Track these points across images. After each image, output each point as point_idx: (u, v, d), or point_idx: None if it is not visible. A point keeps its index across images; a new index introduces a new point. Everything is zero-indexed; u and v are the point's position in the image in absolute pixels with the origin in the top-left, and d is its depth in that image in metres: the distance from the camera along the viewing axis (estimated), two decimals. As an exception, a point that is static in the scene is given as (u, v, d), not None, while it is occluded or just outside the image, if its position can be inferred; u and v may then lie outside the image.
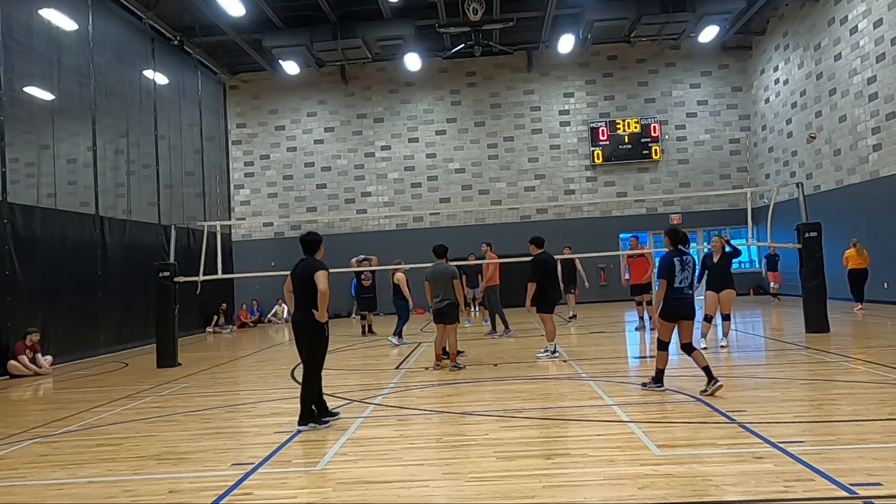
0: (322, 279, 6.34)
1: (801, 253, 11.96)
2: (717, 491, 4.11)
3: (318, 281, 6.33)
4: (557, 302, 11.02)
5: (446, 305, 9.76)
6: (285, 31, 20.94)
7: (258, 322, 22.91)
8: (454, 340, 9.82)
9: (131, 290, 16.19)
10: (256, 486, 4.72)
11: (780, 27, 22.27)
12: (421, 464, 5.07)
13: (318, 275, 6.36)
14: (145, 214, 17.97)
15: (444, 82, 25.49)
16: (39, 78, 14.13)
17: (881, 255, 16.31)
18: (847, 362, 8.71)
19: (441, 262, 10.01)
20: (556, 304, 10.80)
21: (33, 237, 13.30)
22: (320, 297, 6.31)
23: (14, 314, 12.47)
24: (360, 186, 25.51)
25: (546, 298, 10.41)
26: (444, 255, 10.09)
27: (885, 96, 16.90)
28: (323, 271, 6.40)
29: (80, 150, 15.53)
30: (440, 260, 10.05)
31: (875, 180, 17.46)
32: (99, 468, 5.45)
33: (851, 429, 5.44)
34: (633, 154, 24.78)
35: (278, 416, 7.12)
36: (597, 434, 5.66)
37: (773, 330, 13.31)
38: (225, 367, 12.15)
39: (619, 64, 25.24)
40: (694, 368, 6.96)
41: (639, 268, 13.80)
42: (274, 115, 25.84)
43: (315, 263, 6.54)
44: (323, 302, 6.32)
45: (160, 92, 19.23)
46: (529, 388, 8.12)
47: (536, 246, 10.57)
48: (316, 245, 6.66)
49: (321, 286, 6.30)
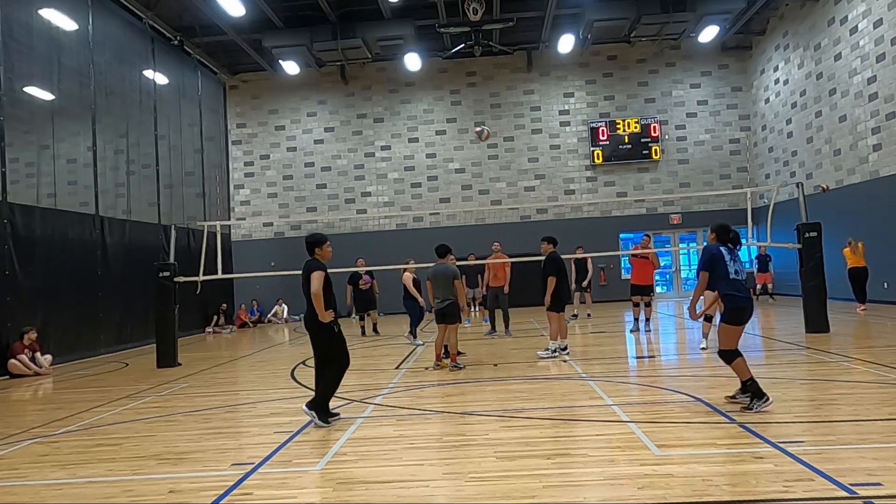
0: (314, 280, 6.39)
1: (801, 253, 11.96)
2: (717, 491, 4.11)
3: (311, 282, 6.41)
4: (568, 301, 11.06)
5: (447, 305, 9.78)
6: (285, 31, 20.94)
7: (258, 322, 22.91)
8: (455, 340, 9.83)
9: (131, 290, 16.20)
10: (256, 486, 4.72)
11: (780, 27, 22.27)
12: (421, 464, 5.07)
13: (312, 276, 6.44)
14: (145, 214, 17.97)
15: (444, 82, 25.49)
16: (39, 78, 14.13)
17: (881, 255, 16.31)
18: (847, 362, 8.71)
19: (443, 262, 10.02)
20: (566, 304, 10.81)
21: (33, 237, 13.29)
22: (313, 298, 6.39)
23: (14, 314, 12.47)
24: (360, 186, 25.51)
25: (558, 297, 10.43)
26: (446, 254, 10.10)
27: (885, 96, 16.90)
28: (317, 272, 6.44)
29: (80, 150, 15.53)
30: (442, 260, 10.05)
31: (875, 180, 17.46)
32: (99, 468, 5.44)
33: (851, 429, 5.44)
34: (633, 154, 24.78)
35: (278, 416, 7.12)
36: (597, 434, 5.66)
37: (773, 330, 13.30)
38: (225, 367, 12.15)
39: (619, 64, 25.24)
40: (694, 368, 6.96)
41: (642, 268, 13.57)
42: (274, 115, 25.85)
43: (312, 264, 6.59)
44: (316, 303, 6.38)
45: (160, 92, 19.23)
46: (530, 388, 8.12)
47: (551, 244, 10.62)
48: (312, 246, 6.71)
49: (312, 287, 6.39)
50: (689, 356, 10.47)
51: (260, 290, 23.35)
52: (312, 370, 6.96)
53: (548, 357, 10.34)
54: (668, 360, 10.33)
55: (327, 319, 6.45)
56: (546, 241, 10.72)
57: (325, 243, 6.74)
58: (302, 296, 6.65)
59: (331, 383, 6.59)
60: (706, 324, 10.52)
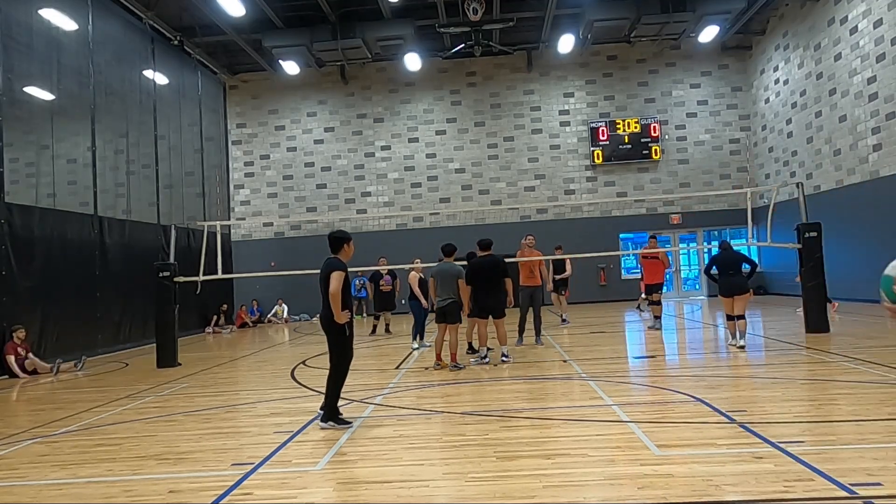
0: (333, 280, 6.27)
1: (801, 253, 11.97)
2: (717, 491, 4.11)
3: (330, 282, 6.29)
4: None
5: (449, 304, 9.73)
6: (285, 31, 20.94)
7: (258, 322, 22.91)
8: (455, 340, 9.79)
9: (130, 291, 16.18)
10: (256, 486, 4.72)
11: (780, 27, 22.26)
12: (421, 464, 5.07)
13: (332, 275, 6.31)
14: (145, 214, 17.96)
15: (444, 82, 25.48)
16: (39, 78, 14.13)
17: (881, 255, 16.26)
18: (847, 362, 8.70)
19: (448, 261, 9.99)
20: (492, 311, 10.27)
21: (31, 237, 13.28)
22: (330, 299, 6.27)
23: (12, 314, 12.44)
24: (360, 186, 25.51)
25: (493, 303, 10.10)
26: (452, 254, 10.06)
27: (885, 96, 16.90)
28: (337, 272, 6.31)
29: (80, 150, 15.52)
30: (447, 258, 10.03)
31: (875, 180, 17.45)
32: (99, 468, 5.44)
33: (851, 429, 5.44)
34: (633, 154, 24.78)
35: (278, 416, 7.12)
36: (597, 434, 5.66)
37: (773, 330, 13.30)
38: (225, 367, 12.14)
39: (619, 64, 25.24)
40: (694, 368, 6.99)
41: (653, 268, 13.78)
42: (274, 115, 25.84)
43: (333, 263, 6.45)
44: (333, 303, 6.26)
45: (160, 92, 19.22)
46: (529, 388, 8.12)
47: (483, 249, 10.22)
48: (338, 243, 6.57)
49: (331, 288, 6.26)
50: (690, 356, 10.47)
51: (260, 290, 23.34)
52: (312, 370, 6.96)
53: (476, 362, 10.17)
54: (669, 360, 10.33)
55: (343, 321, 6.33)
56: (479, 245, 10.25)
57: (350, 241, 6.63)
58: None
59: (335, 386, 6.44)
60: (731, 323, 10.53)
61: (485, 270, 9.91)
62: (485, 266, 9.94)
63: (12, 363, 11.84)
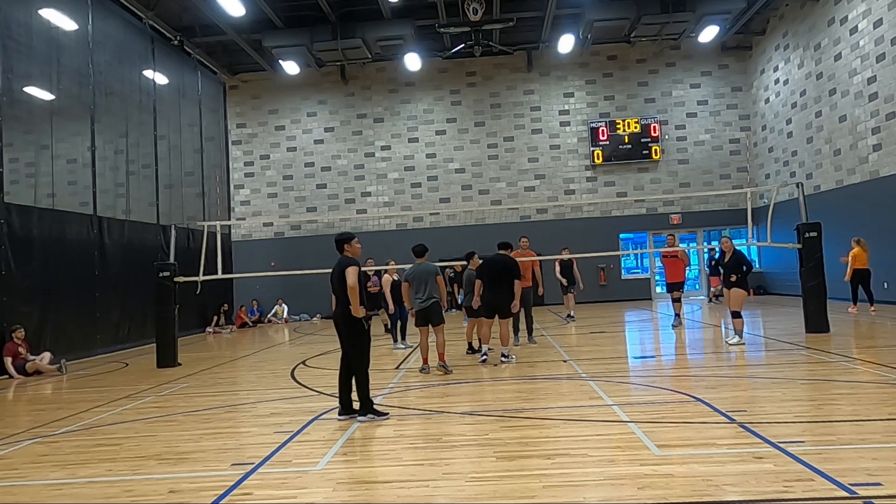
0: (350, 274, 6.55)
1: (801, 253, 11.97)
2: (717, 491, 4.11)
3: (347, 276, 6.55)
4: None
5: (432, 304, 9.50)
6: (285, 31, 20.94)
7: (258, 322, 22.90)
8: (442, 339, 9.57)
9: (130, 291, 16.18)
10: (256, 486, 4.72)
11: (780, 27, 22.27)
12: (421, 464, 5.07)
13: (348, 270, 6.58)
14: (145, 214, 17.94)
15: (444, 82, 25.48)
16: (39, 78, 14.12)
17: (881, 255, 16.29)
18: (847, 362, 8.71)
19: (421, 262, 9.75)
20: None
21: (31, 237, 13.27)
22: (349, 292, 6.53)
23: (11, 314, 12.44)
24: (360, 186, 25.51)
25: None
26: (424, 254, 9.84)
27: (885, 96, 16.90)
28: (352, 267, 6.61)
29: (80, 150, 15.51)
30: (420, 259, 9.79)
31: (875, 180, 17.45)
32: (99, 468, 5.44)
33: (851, 429, 5.44)
34: (633, 154, 24.78)
35: (278, 416, 7.12)
36: (597, 434, 5.65)
37: (773, 330, 13.30)
38: (225, 367, 12.15)
39: (619, 64, 25.24)
40: (694, 368, 7.00)
41: (673, 266, 13.91)
42: (274, 115, 25.84)
43: (345, 260, 6.77)
44: (352, 297, 6.53)
45: (160, 92, 19.21)
46: (529, 388, 8.12)
47: (500, 248, 10.58)
48: (342, 243, 6.95)
49: (349, 281, 6.53)
50: (690, 356, 10.47)
51: (260, 290, 23.34)
52: (312, 370, 6.96)
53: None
54: (669, 360, 10.33)
55: (360, 314, 6.60)
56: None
57: (354, 239, 6.95)
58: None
59: (363, 382, 6.70)
60: (737, 321, 10.60)
61: (497, 266, 10.10)
62: (497, 262, 10.14)
63: (8, 365, 11.79)
